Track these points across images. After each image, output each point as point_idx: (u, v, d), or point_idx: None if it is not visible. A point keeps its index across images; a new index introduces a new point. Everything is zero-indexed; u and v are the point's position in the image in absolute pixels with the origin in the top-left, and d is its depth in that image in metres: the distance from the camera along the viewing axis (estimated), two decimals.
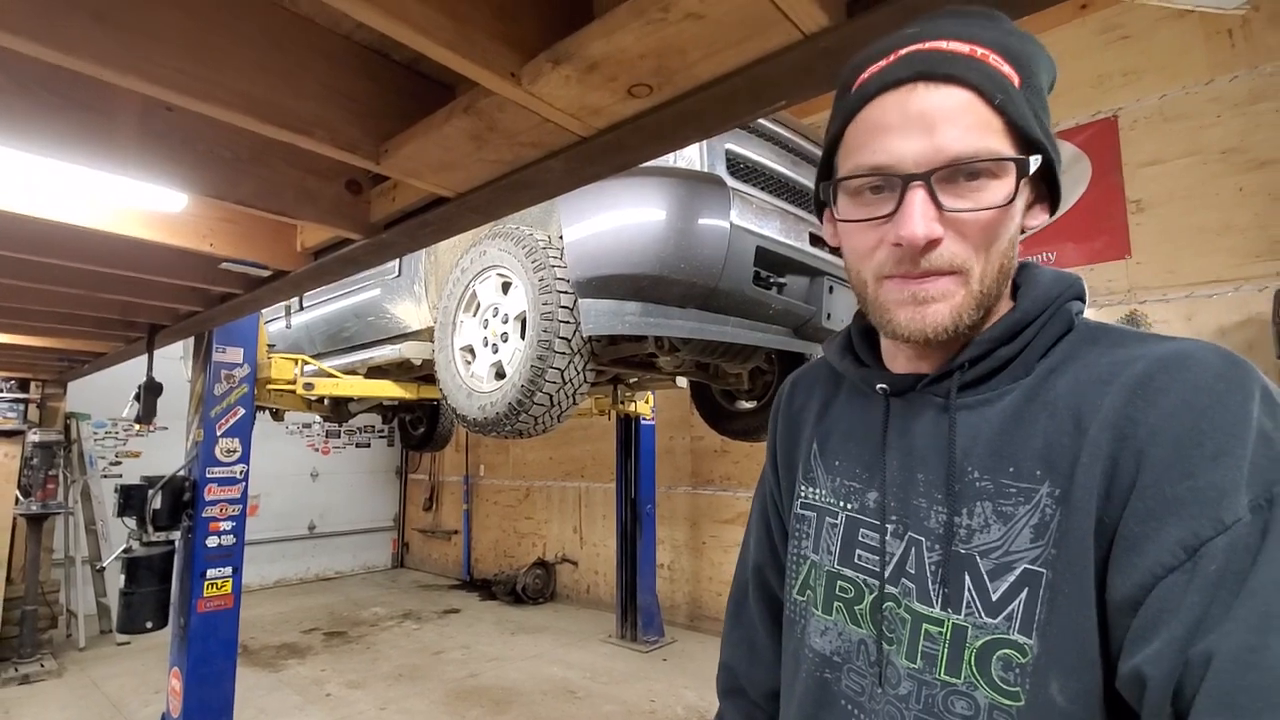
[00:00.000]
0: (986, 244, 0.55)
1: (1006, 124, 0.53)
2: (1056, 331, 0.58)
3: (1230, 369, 0.49)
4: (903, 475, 0.61)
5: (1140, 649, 0.45)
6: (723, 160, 2.15)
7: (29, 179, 1.49)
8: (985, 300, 0.56)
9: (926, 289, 0.55)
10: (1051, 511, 0.52)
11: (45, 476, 4.87)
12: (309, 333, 3.75)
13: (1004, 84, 0.53)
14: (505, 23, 0.91)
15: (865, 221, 0.57)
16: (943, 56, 0.53)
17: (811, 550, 0.69)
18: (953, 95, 0.53)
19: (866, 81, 0.56)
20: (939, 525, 0.57)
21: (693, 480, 5.86)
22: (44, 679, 4.46)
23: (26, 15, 0.84)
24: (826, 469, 0.70)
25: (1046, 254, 4.05)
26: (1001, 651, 0.52)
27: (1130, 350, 0.53)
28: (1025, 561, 0.52)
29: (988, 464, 0.56)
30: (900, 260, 0.55)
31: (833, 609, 0.66)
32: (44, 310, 2.49)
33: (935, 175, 0.52)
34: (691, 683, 4.35)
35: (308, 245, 1.81)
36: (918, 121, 0.53)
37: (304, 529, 7.85)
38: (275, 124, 1.07)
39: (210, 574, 2.77)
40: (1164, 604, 0.45)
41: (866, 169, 0.55)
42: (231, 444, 2.88)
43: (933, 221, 0.53)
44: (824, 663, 0.66)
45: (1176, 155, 3.73)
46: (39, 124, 1.10)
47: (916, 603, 0.58)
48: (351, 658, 5.00)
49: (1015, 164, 0.53)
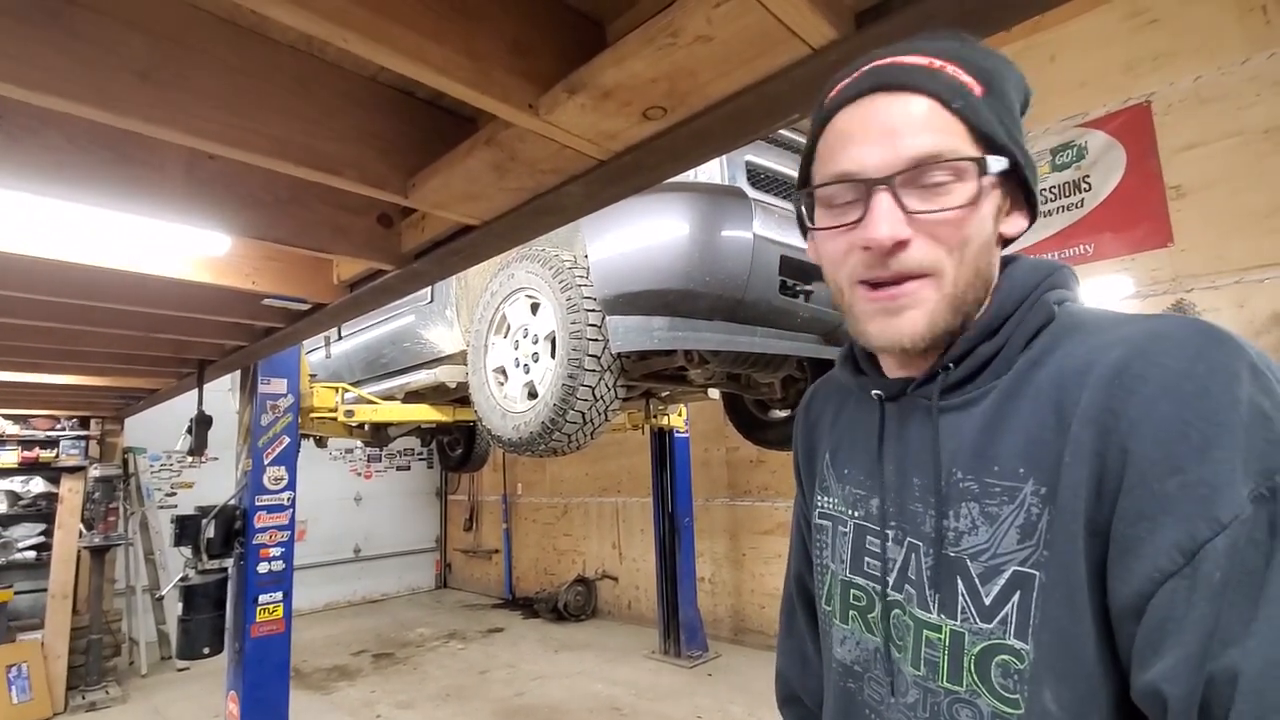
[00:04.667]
0: (958, 245, 0.55)
1: (968, 128, 0.54)
2: (1036, 323, 0.56)
3: (1210, 347, 0.46)
4: (899, 480, 0.61)
5: (1152, 662, 0.44)
6: (743, 172, 2.17)
7: (88, 230, 1.58)
8: (960, 304, 0.56)
9: (897, 299, 0.55)
10: (1038, 511, 0.51)
11: (106, 509, 5.09)
12: (348, 361, 3.86)
13: (962, 91, 0.54)
14: (520, 57, 0.95)
15: (836, 228, 0.58)
16: (900, 68, 0.55)
17: (830, 559, 0.70)
18: (911, 102, 0.54)
19: (833, 97, 0.59)
20: (931, 529, 0.57)
21: (730, 492, 5.82)
22: (110, 705, 4.62)
23: (77, 81, 0.91)
24: (838, 477, 0.70)
25: (1084, 246, 3.94)
26: (1000, 657, 0.52)
27: (1107, 335, 0.51)
28: (1015, 563, 0.51)
29: (971, 464, 0.55)
30: (870, 265, 0.56)
31: (849, 618, 0.66)
32: (104, 352, 2.62)
33: (898, 179, 0.53)
34: (738, 697, 4.29)
35: (344, 278, 1.88)
36: (878, 129, 0.55)
37: (350, 552, 8.01)
38: (308, 166, 1.12)
39: (262, 599, 2.86)
40: (1168, 613, 0.43)
41: (833, 176, 0.57)
42: (278, 472, 2.97)
43: (899, 223, 0.53)
44: (846, 672, 0.66)
45: (1216, 137, 3.60)
46: (95, 180, 1.18)
47: (917, 609, 0.58)
48: (400, 679, 5.07)
49: (975, 163, 0.54)
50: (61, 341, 2.39)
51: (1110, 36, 3.96)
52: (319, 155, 1.12)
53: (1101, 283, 3.84)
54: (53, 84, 0.89)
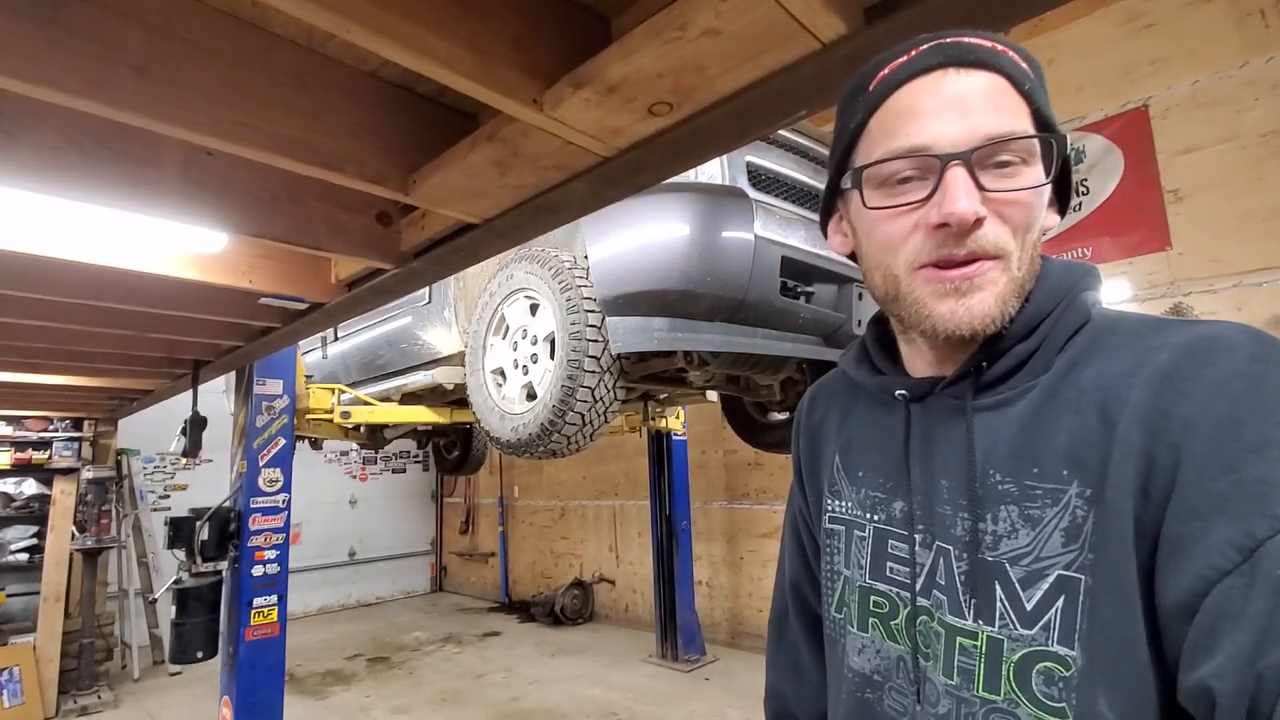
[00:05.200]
0: (1024, 228, 0.54)
1: (1032, 111, 0.54)
2: (1073, 323, 0.56)
3: (1264, 349, 0.46)
4: (927, 483, 0.59)
5: (1203, 661, 0.43)
6: (744, 173, 2.16)
7: (82, 227, 1.56)
8: (1022, 290, 0.55)
9: (971, 278, 0.53)
10: (1084, 513, 0.49)
11: (99, 512, 5.06)
12: (344, 362, 3.83)
13: (1026, 74, 0.54)
14: (524, 52, 0.93)
15: (897, 208, 0.55)
16: (970, 45, 0.54)
17: (844, 565, 0.67)
18: (985, 79, 0.53)
19: (892, 73, 0.56)
20: (965, 533, 0.55)
21: (728, 494, 5.80)
22: (101, 710, 4.58)
23: (74, 75, 0.89)
24: (851, 480, 0.68)
25: (1081, 249, 3.95)
26: (1042, 665, 0.50)
27: (1152, 339, 0.51)
28: (1059, 567, 0.50)
29: (1010, 466, 0.54)
30: (942, 243, 0.53)
31: (868, 625, 0.64)
32: (98, 352, 2.59)
33: (974, 155, 0.52)
34: (736, 701, 4.27)
35: (341, 277, 1.86)
36: (952, 104, 0.53)
37: (345, 555, 7.97)
38: (307, 162, 1.10)
39: (257, 603, 2.82)
40: (1223, 611, 0.42)
41: (902, 151, 0.54)
42: (274, 474, 2.95)
43: (976, 199, 0.52)
44: (864, 682, 0.64)
45: (1214, 141, 3.61)
46: (92, 177, 1.16)
47: (949, 615, 0.56)
48: (395, 683, 5.03)
49: (1052, 143, 0.53)
50: (55, 341, 2.37)
51: (1108, 40, 3.98)
52: (318, 151, 1.10)
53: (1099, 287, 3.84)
54: (50, 78, 0.87)
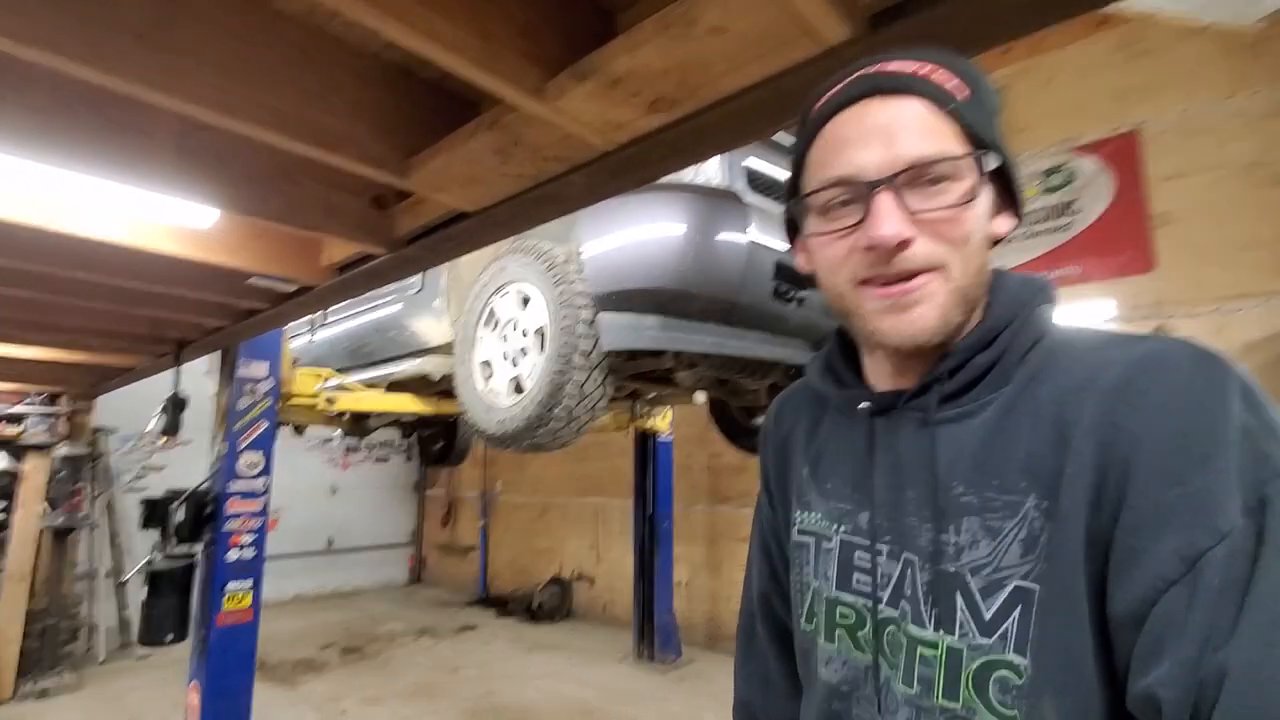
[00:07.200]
0: (960, 241, 0.55)
1: (960, 129, 0.56)
2: (1032, 336, 0.57)
3: (1203, 366, 0.48)
4: (892, 494, 0.60)
5: (1150, 668, 0.44)
6: (743, 176, 2.17)
7: (67, 196, 1.54)
8: (966, 298, 0.57)
9: (908, 293, 0.55)
10: (1040, 525, 0.51)
11: (71, 490, 4.96)
12: (332, 348, 3.80)
13: (951, 94, 0.56)
14: (530, 40, 0.93)
15: (834, 233, 0.58)
16: (891, 73, 0.56)
17: (812, 576, 0.68)
18: (905, 105, 0.55)
19: (824, 104, 0.59)
20: (929, 544, 0.56)
21: (710, 497, 5.82)
22: (62, 693, 4.48)
23: (72, 37, 0.88)
24: (819, 492, 0.68)
25: (1071, 268, 4.00)
26: (999, 673, 0.51)
27: (1106, 354, 0.53)
28: (1016, 578, 0.51)
29: (972, 478, 0.55)
30: (874, 264, 0.56)
31: (835, 636, 0.64)
32: (78, 325, 2.55)
33: (898, 179, 0.54)
34: (710, 704, 4.28)
35: (333, 260, 1.85)
36: (875, 132, 0.55)
37: (322, 544, 7.88)
38: (306, 140, 1.10)
39: (230, 587, 2.78)
40: (1168, 619, 0.44)
41: (832, 180, 0.57)
42: (254, 457, 2.91)
43: (902, 222, 0.54)
44: (832, 693, 0.64)
45: (1200, 169, 3.68)
46: (82, 145, 1.14)
47: (911, 625, 0.57)
48: (368, 674, 4.99)
49: (974, 160, 0.55)
50: (33, 312, 2.32)
51: (1104, 64, 4.04)
52: (317, 130, 1.10)
53: (1086, 306, 3.90)
54: (46, 38, 0.86)
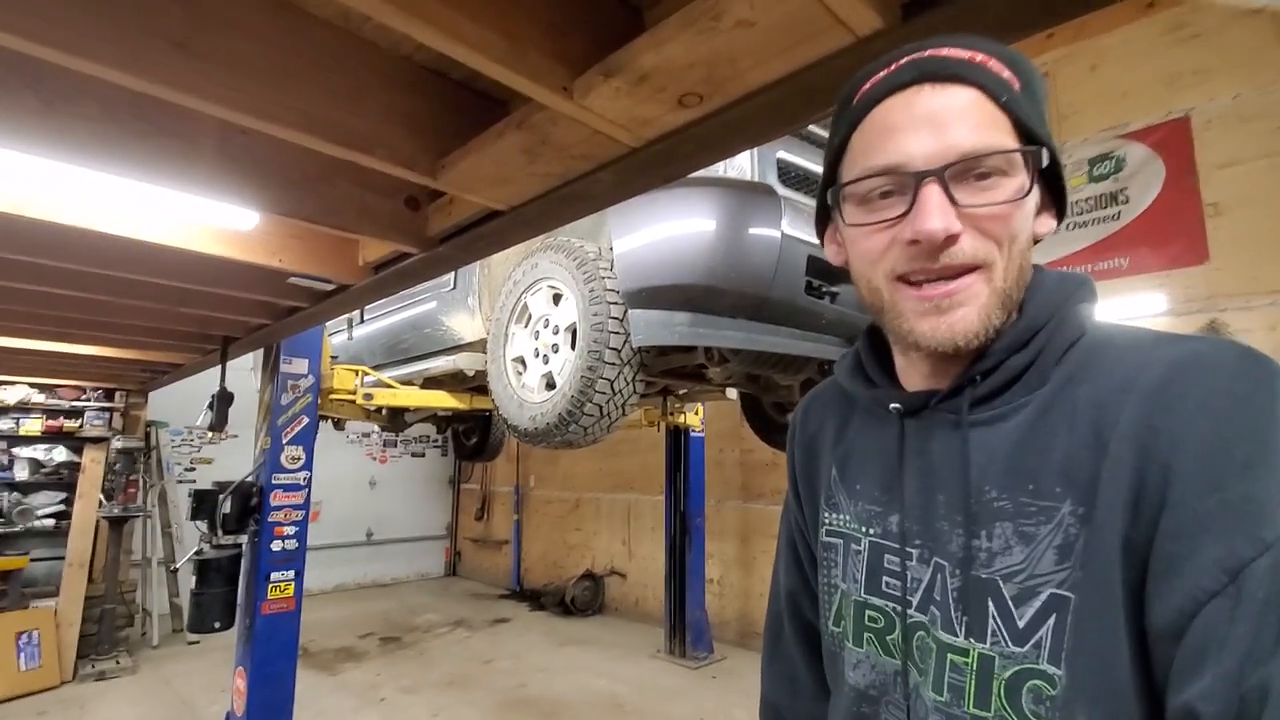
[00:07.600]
0: (1007, 240, 0.53)
1: (1013, 122, 0.53)
2: (1069, 336, 0.55)
3: (1248, 367, 0.46)
4: (922, 498, 0.59)
5: (1190, 683, 0.42)
6: (774, 169, 2.14)
7: (118, 200, 1.60)
8: (1008, 300, 0.54)
9: (951, 295, 0.53)
10: (1076, 531, 0.49)
11: (126, 481, 5.18)
12: (369, 345, 3.88)
13: (1006, 85, 0.54)
14: (556, 39, 0.93)
15: (876, 224, 0.55)
16: (945, 60, 0.54)
17: (841, 579, 0.66)
18: (959, 94, 0.53)
19: (870, 89, 0.56)
20: (959, 549, 0.55)
21: (743, 494, 5.78)
22: (119, 676, 4.70)
23: (113, 45, 0.90)
24: (848, 494, 0.67)
25: (1119, 260, 3.85)
26: (1032, 683, 0.50)
27: (1145, 354, 0.50)
28: (1051, 585, 0.49)
29: (1005, 482, 0.53)
30: (915, 257, 0.53)
31: (863, 640, 0.63)
32: (132, 324, 2.66)
33: (948, 171, 0.52)
34: (741, 701, 4.26)
35: (368, 260, 1.88)
36: (926, 120, 0.53)
37: (362, 536, 8.09)
38: (339, 143, 1.12)
39: (274, 577, 2.88)
40: (1210, 633, 0.42)
41: (877, 169, 0.55)
42: (296, 451, 3.00)
43: (950, 216, 0.52)
44: (860, 697, 0.63)
45: (1254, 156, 3.50)
46: (129, 151, 1.19)
47: (941, 631, 0.55)
48: (405, 663, 5.10)
49: (1028, 156, 0.53)
50: (90, 312, 2.43)
51: (1151, 49, 3.87)
52: (351, 132, 1.12)
53: (1135, 299, 3.75)
54: (87, 47, 0.89)
